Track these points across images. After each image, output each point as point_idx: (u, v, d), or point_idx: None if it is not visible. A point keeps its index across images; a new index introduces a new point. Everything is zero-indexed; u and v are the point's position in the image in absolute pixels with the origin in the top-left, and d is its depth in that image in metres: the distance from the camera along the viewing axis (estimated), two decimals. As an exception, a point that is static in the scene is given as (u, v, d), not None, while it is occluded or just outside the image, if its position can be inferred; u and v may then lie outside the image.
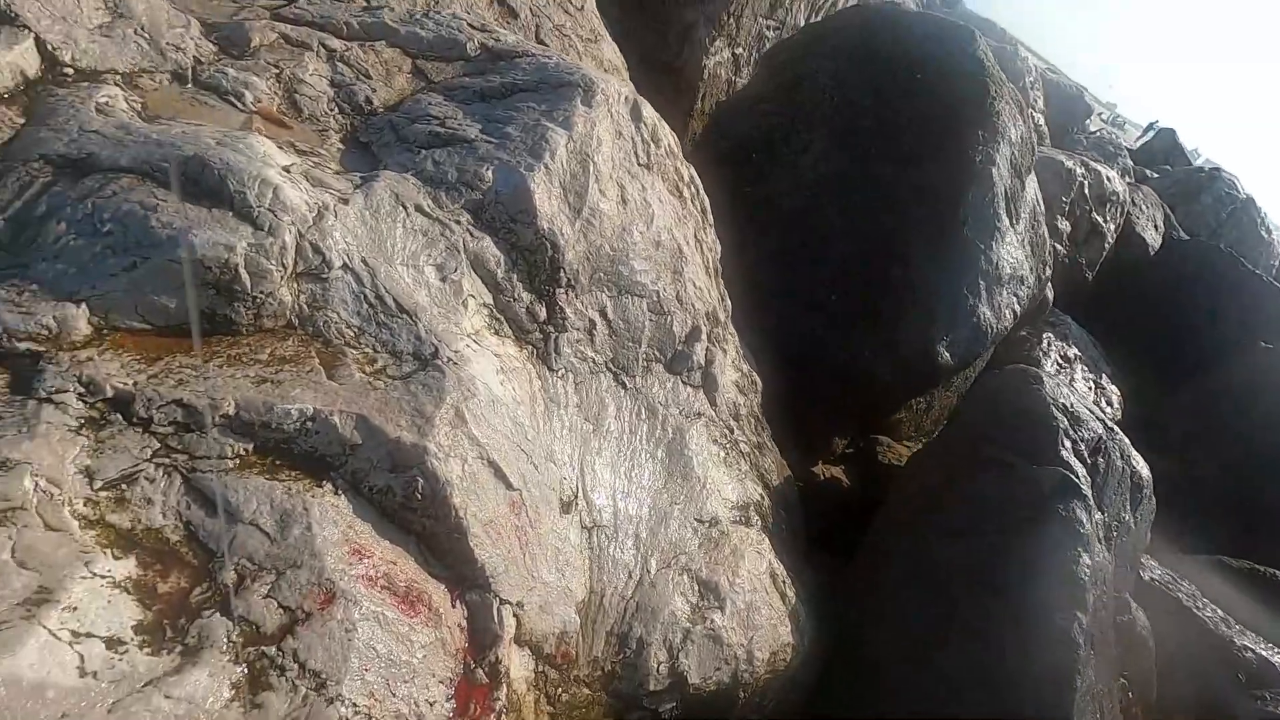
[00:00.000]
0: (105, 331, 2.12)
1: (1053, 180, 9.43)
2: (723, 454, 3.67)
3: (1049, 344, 9.27)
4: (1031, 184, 5.61)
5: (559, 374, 3.11)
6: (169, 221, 2.20)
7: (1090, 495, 3.42)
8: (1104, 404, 9.22)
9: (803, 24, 8.73)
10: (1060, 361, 9.10)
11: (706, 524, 3.28)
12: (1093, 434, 3.72)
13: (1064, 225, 10.19)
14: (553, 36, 6.07)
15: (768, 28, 8.64)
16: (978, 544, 3.25)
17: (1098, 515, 3.48)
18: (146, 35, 2.84)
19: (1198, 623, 4.71)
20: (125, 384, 2.03)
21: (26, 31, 2.52)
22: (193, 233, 2.17)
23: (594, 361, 3.27)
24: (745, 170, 6.20)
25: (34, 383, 1.94)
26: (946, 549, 3.30)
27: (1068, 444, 3.57)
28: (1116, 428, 3.99)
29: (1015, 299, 5.23)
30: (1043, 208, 5.99)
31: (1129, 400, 9.47)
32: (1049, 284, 6.68)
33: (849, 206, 5.44)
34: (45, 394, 1.93)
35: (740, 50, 8.36)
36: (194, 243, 2.16)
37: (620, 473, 3.14)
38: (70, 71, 2.60)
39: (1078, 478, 3.44)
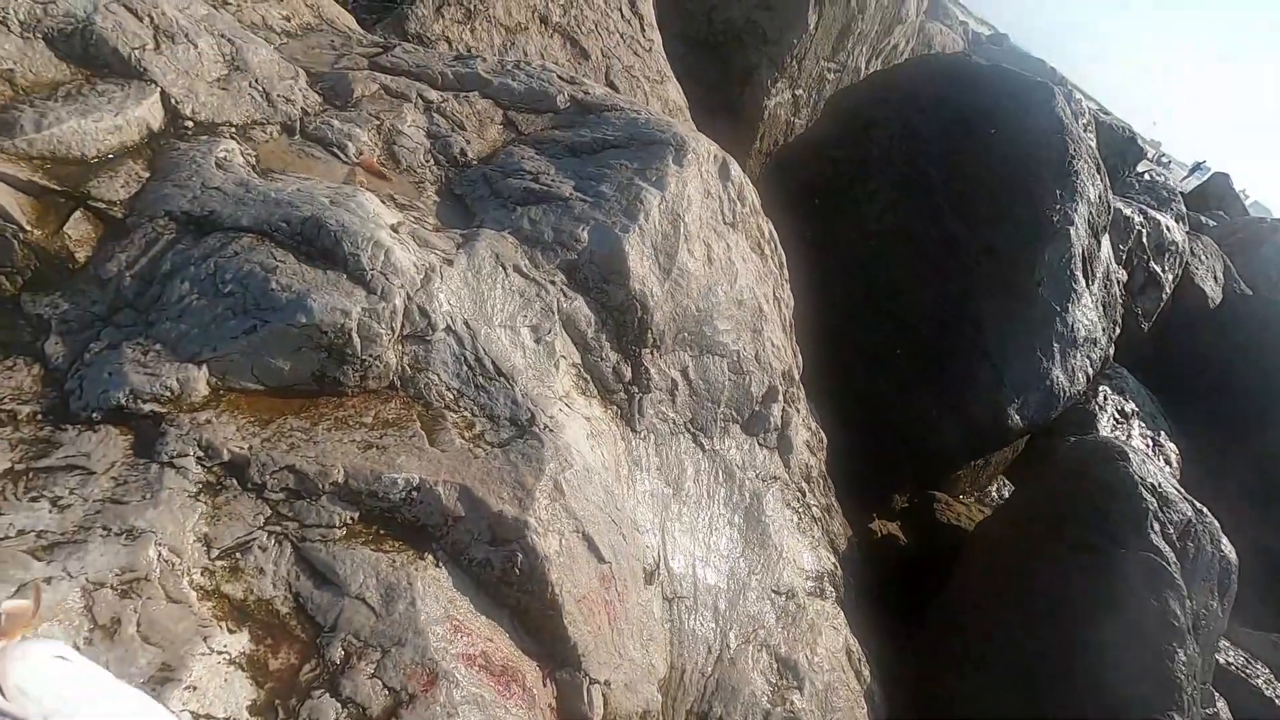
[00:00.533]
0: (221, 392, 2.14)
1: (1110, 228, 9.24)
2: (796, 519, 3.59)
3: (1105, 398, 9.02)
4: (1106, 243, 5.49)
5: (641, 435, 3.08)
6: (288, 284, 2.22)
7: (1182, 583, 3.28)
8: (1162, 462, 8.93)
9: (863, 67, 8.71)
10: (1117, 417, 8.84)
11: (784, 596, 3.20)
12: (1182, 516, 3.57)
13: (1120, 274, 9.97)
14: (622, 77, 6.13)
15: (828, 70, 8.64)
16: (1062, 633, 3.12)
17: (1188, 604, 3.33)
18: (260, 88, 2.91)
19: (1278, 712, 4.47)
20: (241, 448, 2.04)
21: (153, 86, 2.58)
22: (311, 297, 2.19)
23: (674, 422, 3.23)
24: (807, 215, 6.17)
25: (156, 446, 1.96)
26: (1028, 635, 3.17)
27: (1157, 527, 3.43)
28: (1204, 509, 3.83)
29: (1088, 362, 5.10)
30: (1115, 266, 5.85)
31: (1186, 459, 9.16)
32: (1114, 341, 6.52)
33: (916, 260, 5.36)
34: (167, 458, 1.94)
35: (800, 92, 8.36)
36: (313, 307, 2.18)
37: (699, 539, 3.08)
38: (190, 125, 2.66)
39: (1168, 564, 3.30)
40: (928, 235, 5.38)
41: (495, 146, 3.42)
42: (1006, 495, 6.82)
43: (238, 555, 1.91)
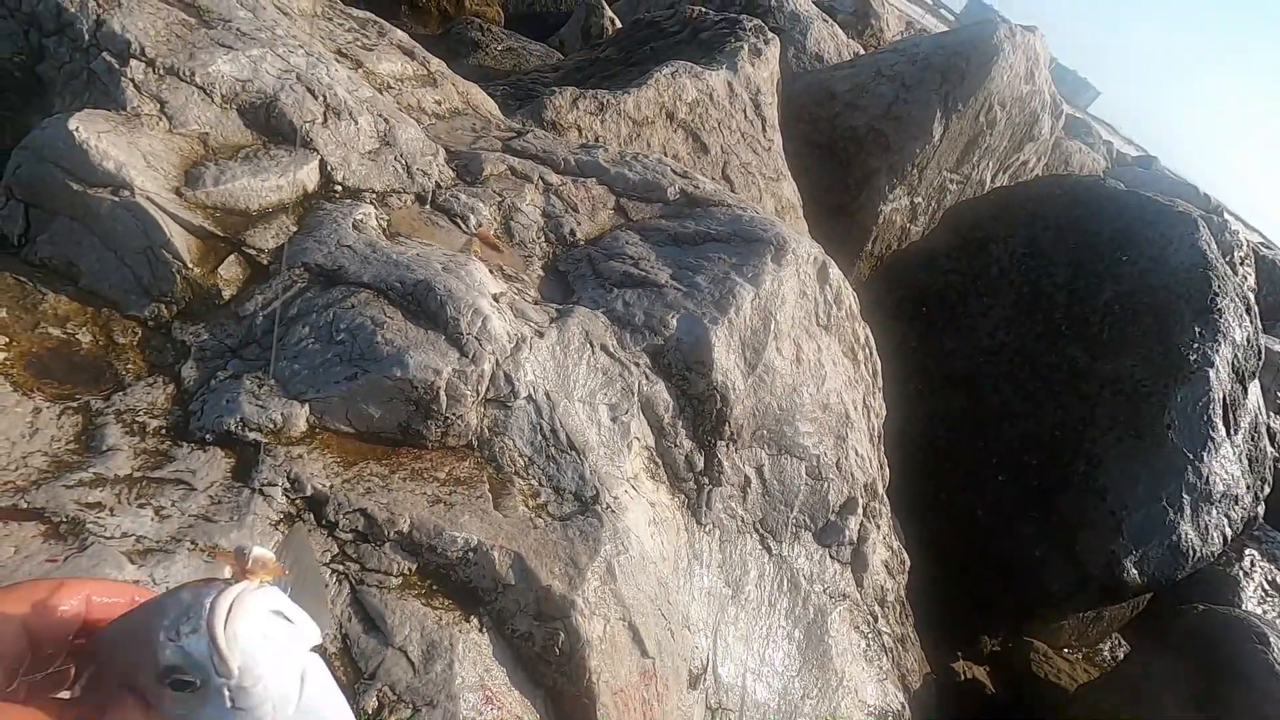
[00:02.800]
0: (317, 430, 2.31)
1: (1263, 371, 8.33)
2: (864, 645, 3.34)
3: (1253, 564, 7.90)
4: (1255, 391, 4.95)
5: (706, 529, 3.02)
6: (391, 339, 2.40)
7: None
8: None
9: (989, 181, 8.55)
10: (1267, 589, 7.70)
11: (839, 729, 2.96)
12: (1334, 724, 3.01)
13: (1276, 424, 8.90)
14: (738, 173, 6.35)
15: (951, 181, 8.55)
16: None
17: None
18: (403, 161, 3.25)
19: None
20: (323, 485, 2.18)
21: (315, 154, 2.95)
22: (409, 354, 2.36)
23: (742, 520, 3.14)
24: (913, 324, 6.00)
25: (252, 472, 2.13)
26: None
27: (1300, 731, 2.91)
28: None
29: (1226, 520, 4.52)
30: (1265, 417, 5.25)
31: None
32: (1263, 500, 5.77)
33: (1029, 383, 5.05)
34: (259, 485, 2.11)
35: (919, 200, 8.30)
36: (409, 363, 2.34)
37: (754, 649, 2.93)
38: (339, 189, 3.00)
39: (1313, 780, 2.77)
40: (1044, 358, 5.08)
41: (604, 229, 3.62)
42: (1121, 656, 6.04)
43: (300, 588, 2.01)
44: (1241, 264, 14.70)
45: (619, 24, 10.02)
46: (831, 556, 3.38)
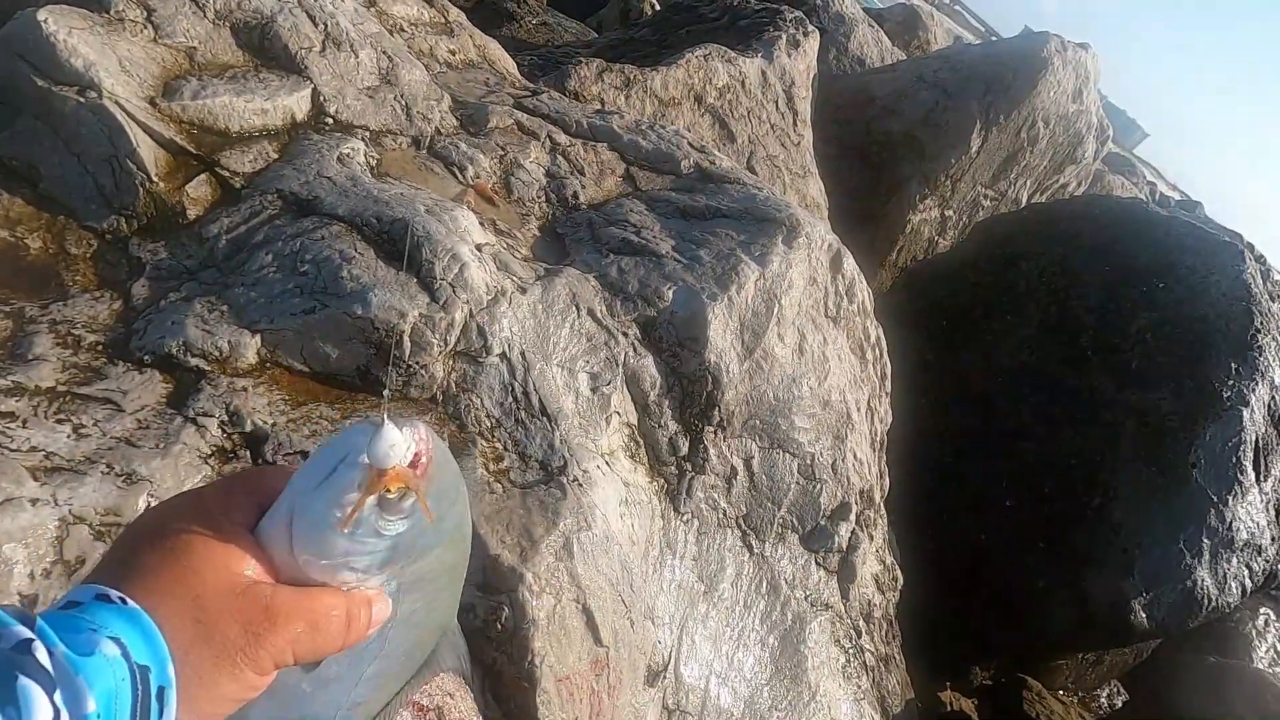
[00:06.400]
0: (268, 365, 2.15)
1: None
2: (844, 660, 3.11)
3: (1267, 624, 7.52)
4: (1290, 438, 4.65)
5: (684, 518, 2.81)
6: (358, 275, 2.23)
7: None
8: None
9: (1024, 200, 8.24)
10: (1280, 651, 7.33)
11: (806, 747, 2.74)
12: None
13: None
14: (764, 165, 6.12)
15: (985, 196, 8.26)
16: None
17: None
18: (403, 102, 3.08)
19: None
20: (265, 422, 2.00)
21: (307, 83, 2.79)
22: (373, 292, 2.18)
23: (724, 513, 2.93)
24: (933, 338, 5.74)
25: (188, 400, 1.97)
26: None
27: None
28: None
29: (1247, 571, 4.23)
30: (1298, 467, 4.92)
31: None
32: (1286, 557, 5.44)
33: (1048, 408, 4.78)
34: (193, 414, 1.94)
35: (950, 213, 8.02)
36: (371, 301, 2.16)
37: (722, 651, 2.72)
38: (330, 122, 2.84)
39: None
40: (1066, 382, 4.80)
41: (609, 196, 3.42)
42: (1119, 705, 5.73)
43: (223, 528, 1.84)
44: (1281, 315, 14.24)
45: (659, 8, 9.84)
46: (818, 563, 3.16)
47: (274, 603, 0.53)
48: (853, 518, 3.30)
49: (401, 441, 0.53)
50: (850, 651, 3.18)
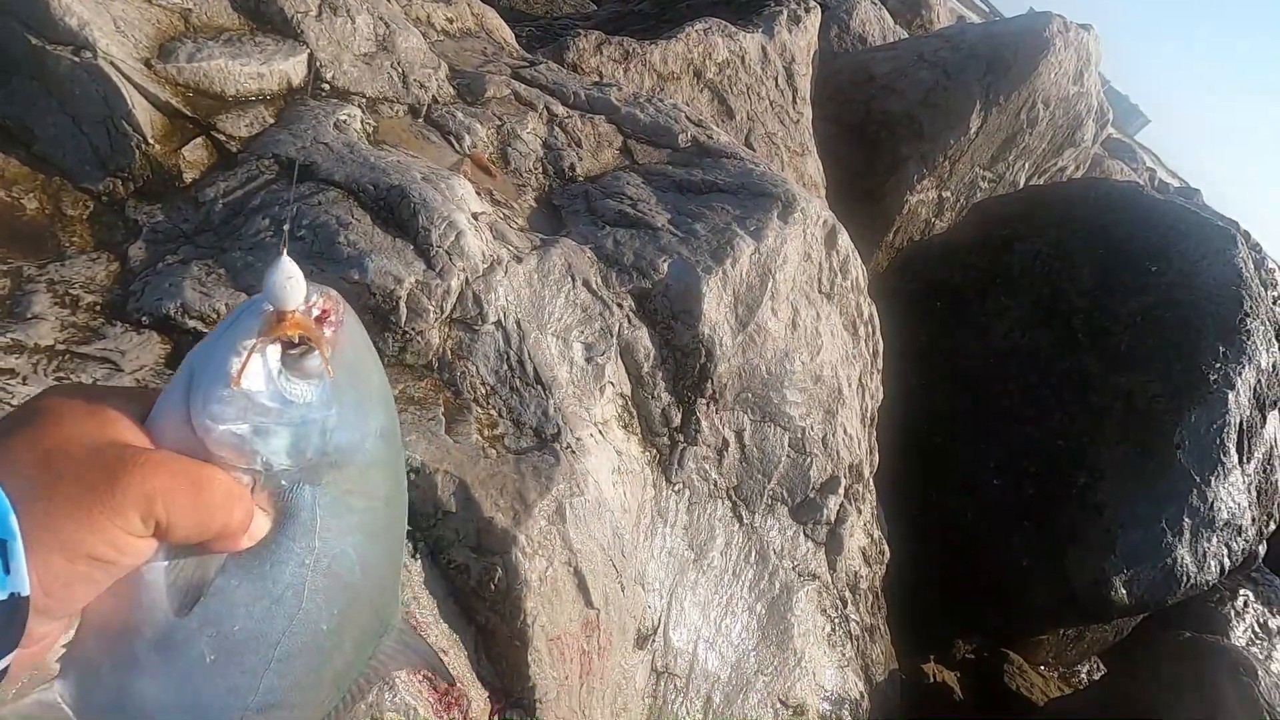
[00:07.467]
0: (264, 328, 2.16)
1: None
2: (829, 629, 3.19)
3: (1246, 604, 7.67)
4: (1274, 421, 4.72)
5: (675, 487, 2.86)
6: (355, 241, 2.24)
7: None
8: (1307, 701, 7.42)
9: (1022, 183, 8.24)
10: (1258, 631, 7.47)
11: (791, 710, 2.81)
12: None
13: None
14: (762, 142, 6.10)
15: (983, 179, 8.25)
16: None
17: None
18: (400, 70, 3.06)
19: None
20: (261, 384, 2.03)
21: (304, 48, 2.77)
22: (370, 257, 2.19)
23: (715, 484, 2.98)
24: (926, 319, 5.77)
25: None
26: None
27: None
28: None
29: (1226, 550, 4.31)
30: (1281, 451, 5.00)
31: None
32: (1265, 540, 5.54)
33: (1038, 389, 4.83)
34: (190, 374, 1.96)
35: (948, 194, 8.01)
36: (368, 267, 2.18)
37: (710, 618, 2.78)
38: (327, 87, 2.82)
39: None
40: (1057, 365, 4.85)
41: (606, 168, 3.42)
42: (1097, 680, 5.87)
43: (221, 487, 1.87)
44: (1275, 304, 14.29)
45: (660, -17, 9.69)
46: (806, 534, 3.22)
47: (138, 451, 0.48)
48: (841, 491, 3.36)
49: (299, 275, 0.49)
50: (836, 620, 3.25)
